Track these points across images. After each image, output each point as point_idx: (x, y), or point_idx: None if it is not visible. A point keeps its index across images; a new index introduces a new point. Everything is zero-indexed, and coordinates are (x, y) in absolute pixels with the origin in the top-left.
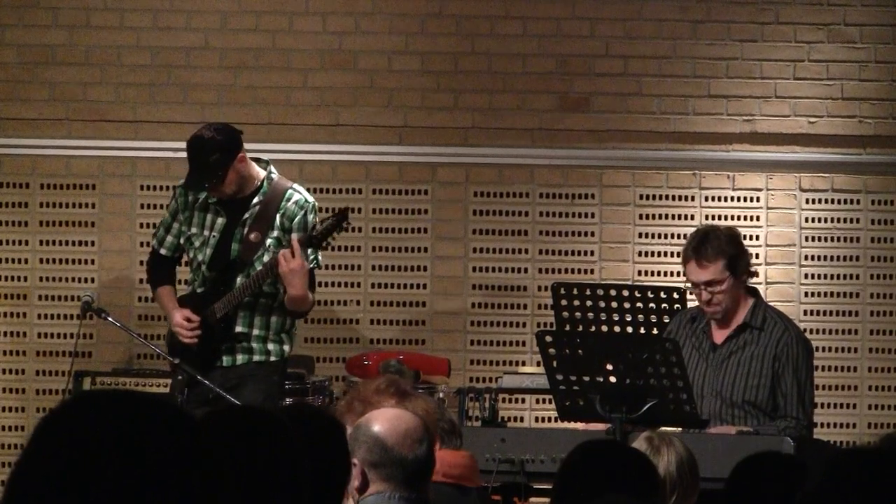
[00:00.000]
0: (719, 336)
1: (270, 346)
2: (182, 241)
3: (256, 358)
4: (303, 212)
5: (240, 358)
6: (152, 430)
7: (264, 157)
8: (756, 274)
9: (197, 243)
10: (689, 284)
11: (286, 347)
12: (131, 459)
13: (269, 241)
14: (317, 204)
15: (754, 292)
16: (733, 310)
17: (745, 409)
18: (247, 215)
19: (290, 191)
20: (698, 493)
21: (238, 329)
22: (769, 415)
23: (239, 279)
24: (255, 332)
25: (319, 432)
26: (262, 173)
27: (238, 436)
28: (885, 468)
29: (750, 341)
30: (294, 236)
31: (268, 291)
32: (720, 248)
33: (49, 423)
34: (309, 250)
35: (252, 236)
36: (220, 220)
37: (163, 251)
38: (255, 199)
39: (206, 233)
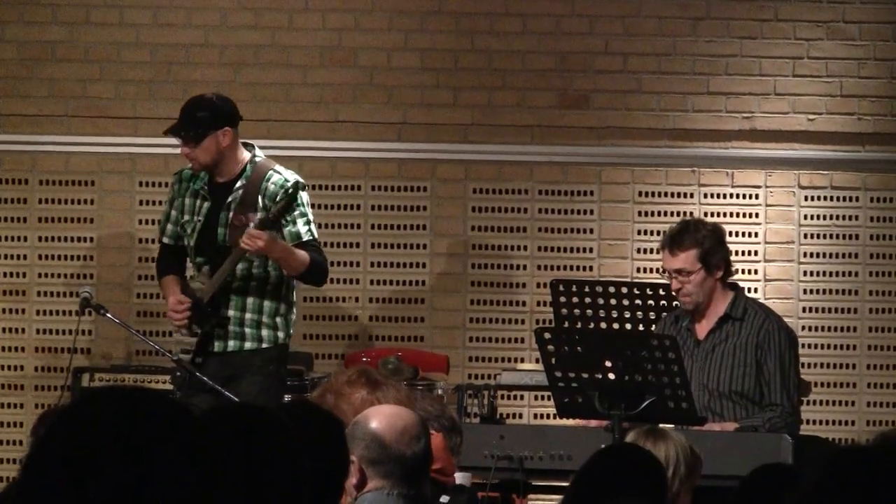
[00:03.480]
0: (702, 331)
1: (264, 332)
2: (179, 228)
3: (248, 345)
4: (283, 191)
5: (231, 344)
6: (155, 429)
7: (264, 154)
8: (735, 272)
9: (188, 230)
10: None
11: (280, 334)
12: (134, 457)
13: (252, 225)
14: (300, 181)
15: (734, 287)
16: (712, 304)
17: (732, 399)
18: (230, 199)
19: (270, 171)
20: (695, 488)
21: (230, 313)
22: (758, 403)
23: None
24: (248, 315)
25: (318, 429)
26: (246, 156)
27: (236, 433)
28: (880, 467)
29: (732, 333)
30: (251, 224)
31: (257, 274)
32: (696, 239)
33: (58, 422)
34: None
35: (237, 220)
36: (205, 205)
37: (165, 240)
38: (239, 183)
39: (195, 218)
